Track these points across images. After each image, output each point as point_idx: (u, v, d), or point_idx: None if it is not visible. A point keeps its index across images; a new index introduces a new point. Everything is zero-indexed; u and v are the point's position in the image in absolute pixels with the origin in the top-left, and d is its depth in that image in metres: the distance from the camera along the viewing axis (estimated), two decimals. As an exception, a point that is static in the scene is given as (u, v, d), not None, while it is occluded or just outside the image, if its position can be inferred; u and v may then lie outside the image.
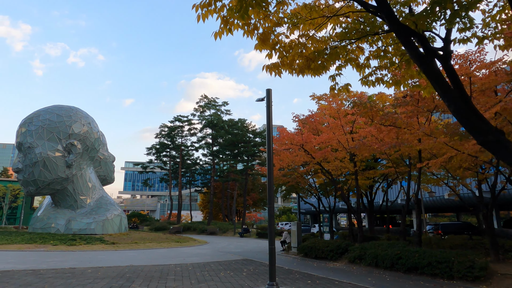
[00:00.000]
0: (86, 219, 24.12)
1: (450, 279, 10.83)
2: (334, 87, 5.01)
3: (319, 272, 12.61)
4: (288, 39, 4.51)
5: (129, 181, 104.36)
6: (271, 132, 9.53)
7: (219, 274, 11.21)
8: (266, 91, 9.86)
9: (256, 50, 4.31)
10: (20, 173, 23.56)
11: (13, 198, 38.28)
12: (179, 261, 14.59)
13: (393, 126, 12.72)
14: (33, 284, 8.66)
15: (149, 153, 56.08)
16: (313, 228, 46.10)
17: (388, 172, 17.92)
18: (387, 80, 5.01)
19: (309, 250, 17.53)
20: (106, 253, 17.13)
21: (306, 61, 4.47)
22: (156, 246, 21.77)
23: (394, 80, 5.02)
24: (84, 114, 25.87)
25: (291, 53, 4.37)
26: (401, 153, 15.77)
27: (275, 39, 4.37)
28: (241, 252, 19.96)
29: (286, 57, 4.38)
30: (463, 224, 29.42)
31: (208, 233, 41.01)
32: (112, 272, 10.92)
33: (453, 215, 63.44)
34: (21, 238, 19.81)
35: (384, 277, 11.67)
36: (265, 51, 4.37)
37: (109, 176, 29.69)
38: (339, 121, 16.06)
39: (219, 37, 4.07)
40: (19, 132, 23.91)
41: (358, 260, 14.56)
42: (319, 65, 4.56)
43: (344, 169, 17.94)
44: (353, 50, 5.03)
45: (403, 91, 16.33)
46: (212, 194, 51.28)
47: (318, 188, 23.53)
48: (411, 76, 4.89)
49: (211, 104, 55.93)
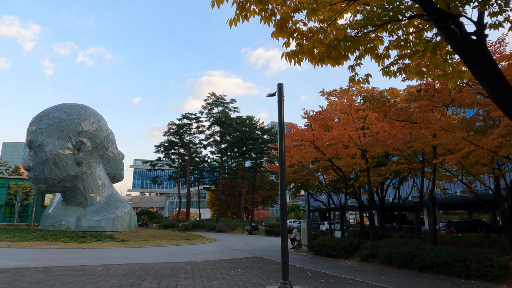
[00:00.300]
0: (96, 216, 24.21)
1: (467, 278, 10.51)
2: (354, 78, 4.76)
3: (332, 270, 12.38)
4: (306, 26, 4.29)
5: (138, 178, 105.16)
6: (283, 126, 9.31)
7: (230, 272, 11.06)
8: (277, 86, 9.62)
9: (272, 38, 4.09)
10: (31, 171, 23.73)
11: (24, 196, 38.72)
12: (189, 259, 14.49)
13: (407, 121, 12.37)
14: (44, 282, 8.61)
15: (158, 151, 56.28)
16: (322, 226, 45.77)
17: (400, 168, 17.54)
18: (410, 70, 4.75)
19: (320, 247, 17.30)
20: (116, 251, 17.14)
21: (327, 48, 4.23)
22: (166, 243, 21.76)
23: (417, 70, 4.76)
24: (93, 112, 25.93)
25: (311, 40, 4.14)
26: (414, 149, 15.41)
27: (292, 27, 4.15)
28: (251, 250, 19.82)
29: (306, 44, 4.15)
30: (476, 222, 28.86)
31: (217, 231, 41.00)
32: (123, 270, 10.85)
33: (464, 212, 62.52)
34: (32, 235, 19.96)
35: (398, 275, 11.40)
36: (282, 39, 4.15)
37: (119, 174, 29.78)
38: (350, 117, 15.73)
39: (234, 25, 3.85)
40: (29, 130, 24.06)
41: (371, 258, 14.28)
42: (339, 54, 4.32)
43: (355, 165, 17.63)
44: (371, 39, 4.78)
45: (416, 85, 15.96)
46: (220, 191, 51.25)
47: (329, 185, 23.23)
48: (435, 66, 4.62)
49: (219, 102, 55.82)
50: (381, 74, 4.82)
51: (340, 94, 21.08)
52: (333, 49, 4.23)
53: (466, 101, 11.52)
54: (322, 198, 35.11)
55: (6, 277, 9.16)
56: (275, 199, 68.60)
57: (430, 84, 13.01)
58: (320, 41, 4.21)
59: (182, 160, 57.37)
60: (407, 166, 16.42)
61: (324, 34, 4.21)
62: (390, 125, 13.52)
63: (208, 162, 58.26)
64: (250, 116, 52.04)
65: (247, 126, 49.86)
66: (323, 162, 17.29)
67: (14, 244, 17.73)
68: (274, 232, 37.35)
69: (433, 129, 10.88)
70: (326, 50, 4.26)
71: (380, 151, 15.39)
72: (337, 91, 21.51)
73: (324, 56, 4.32)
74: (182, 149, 56.42)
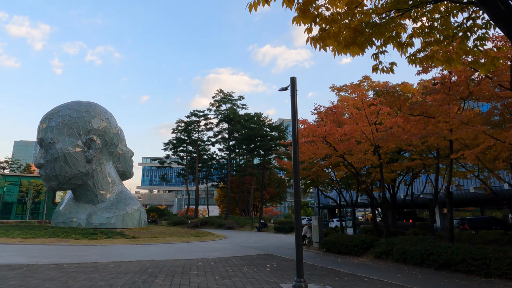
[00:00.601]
0: (106, 213, 24.31)
1: (487, 276, 10.19)
2: (377, 67, 4.52)
3: (345, 268, 12.15)
4: (329, 11, 4.05)
5: (146, 176, 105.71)
6: (297, 120, 9.08)
7: (242, 270, 10.91)
8: (290, 79, 9.40)
9: (294, 23, 3.87)
10: (42, 168, 23.88)
11: (36, 193, 39.15)
12: (200, 256, 14.39)
13: (422, 115, 12.02)
14: (57, 279, 8.56)
15: (166, 148, 56.40)
16: (331, 223, 45.43)
17: (414, 164, 17.16)
18: (438, 58, 4.49)
19: (331, 245, 17.06)
20: (127, 247, 17.14)
21: (353, 33, 3.99)
22: (176, 240, 21.73)
23: (445, 57, 4.49)
24: (103, 110, 25.98)
25: (336, 25, 3.90)
26: (428, 145, 15.04)
27: (314, 12, 3.92)
28: (261, 247, 19.67)
29: (332, 28, 3.91)
30: (490, 219, 28.31)
31: (226, 228, 40.97)
32: (135, 267, 10.78)
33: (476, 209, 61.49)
34: (44, 232, 20.09)
35: (414, 274, 11.12)
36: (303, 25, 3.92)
37: (128, 171, 29.87)
38: (363, 112, 15.39)
39: (254, 9, 3.65)
40: (40, 128, 24.21)
41: (385, 256, 14.01)
42: (365, 40, 4.08)
43: (367, 161, 17.31)
44: (396, 26, 4.52)
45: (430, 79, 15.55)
46: (229, 188, 51.18)
47: (340, 182, 22.92)
48: (465, 52, 4.36)
49: (227, 99, 55.66)
50: (407, 62, 4.57)
51: (350, 89, 20.74)
52: (360, 33, 3.99)
53: (485, 94, 11.14)
54: (331, 195, 34.79)
55: (19, 274, 9.14)
56: (284, 196, 68.37)
57: (446, 77, 12.63)
58: (347, 26, 3.97)
59: (190, 158, 57.44)
60: (421, 162, 16.04)
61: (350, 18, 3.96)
62: (404, 120, 13.17)
63: (216, 159, 58.23)
64: (258, 113, 51.78)
65: (255, 123, 49.60)
66: (334, 158, 17.00)
67: (26, 240, 17.85)
68: (283, 229, 37.17)
69: (451, 123, 10.53)
70: (353, 35, 4.01)
71: (394, 146, 15.04)
72: (347, 86, 21.16)
73: (349, 42, 4.08)
74: (191, 147, 56.46)
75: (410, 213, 50.81)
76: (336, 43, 4.07)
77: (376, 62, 4.50)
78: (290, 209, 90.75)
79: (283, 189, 66.37)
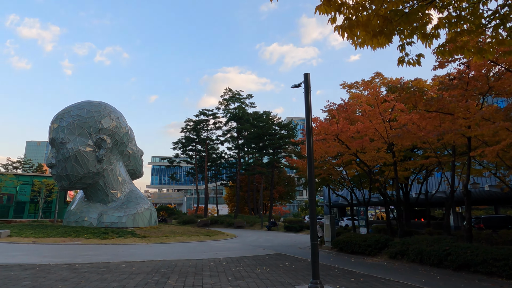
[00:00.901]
0: (117, 212, 24.38)
1: (510, 278, 9.82)
2: (403, 59, 4.27)
3: (360, 268, 11.88)
4: (353, 1, 3.82)
5: (156, 175, 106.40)
6: (311, 118, 8.84)
7: (255, 270, 10.73)
8: (304, 76, 9.16)
9: (316, 13, 3.65)
10: (54, 168, 24.04)
11: (48, 192, 39.60)
12: (211, 256, 14.26)
13: (439, 112, 11.65)
14: (69, 280, 8.49)
15: (175, 147, 56.53)
16: (341, 222, 45.03)
17: (428, 162, 16.75)
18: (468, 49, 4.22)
19: (344, 244, 16.77)
20: (138, 247, 17.11)
21: (383, 21, 3.76)
22: (186, 239, 21.67)
23: (477, 48, 4.22)
24: (113, 109, 26.04)
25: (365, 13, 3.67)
26: (443, 142, 14.63)
27: (338, 1, 3.69)
28: (272, 246, 19.47)
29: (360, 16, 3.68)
30: (507, 218, 27.61)
31: (235, 227, 40.86)
32: (147, 267, 10.68)
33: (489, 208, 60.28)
34: (56, 232, 20.22)
35: (432, 275, 10.80)
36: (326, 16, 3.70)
37: (138, 170, 29.93)
38: (377, 109, 15.03)
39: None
40: (51, 128, 24.37)
41: (400, 256, 13.69)
42: (393, 29, 3.84)
43: (380, 159, 16.95)
44: (423, 16, 4.26)
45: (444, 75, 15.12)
46: (238, 187, 51.08)
47: (351, 180, 22.57)
48: (499, 42, 4.09)
49: (235, 97, 55.51)
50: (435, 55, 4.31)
51: (362, 86, 20.36)
52: (389, 22, 3.75)
53: (506, 89, 10.72)
54: (341, 193, 34.40)
55: (32, 274, 9.11)
56: (293, 195, 68.07)
57: (463, 72, 12.23)
58: (376, 13, 3.74)
59: (199, 157, 57.49)
60: (436, 159, 15.64)
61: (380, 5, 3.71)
62: (420, 116, 12.79)
63: (225, 158, 58.18)
64: (267, 111, 51.51)
65: (264, 121, 49.34)
66: (347, 156, 16.69)
67: (39, 240, 17.97)
68: (293, 228, 36.92)
69: (472, 119, 10.16)
70: (382, 23, 3.78)
71: (410, 144, 14.66)
72: (358, 83, 20.79)
73: (377, 32, 3.83)
74: (200, 146, 56.50)
75: (421, 211, 50.01)
76: (365, 32, 3.83)
77: (402, 54, 4.25)
78: (299, 207, 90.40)
79: (292, 188, 66.07)
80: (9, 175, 38.06)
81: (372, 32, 3.84)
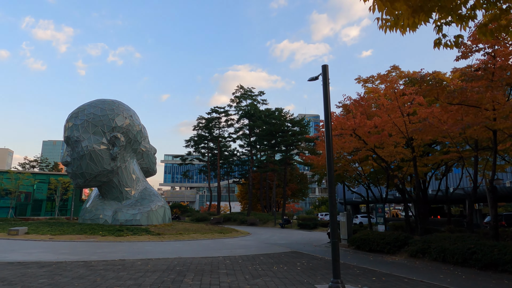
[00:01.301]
0: (131, 210, 24.48)
1: (541, 278, 9.32)
2: (440, 42, 3.94)
3: (380, 267, 11.50)
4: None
5: (168, 173, 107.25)
6: (329, 111, 8.51)
7: (272, 268, 10.48)
8: (322, 68, 8.84)
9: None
10: (69, 166, 24.26)
11: (63, 190, 40.16)
12: (226, 253, 14.08)
13: (463, 104, 11.14)
14: (85, 277, 8.40)
15: (188, 145, 56.67)
16: (355, 219, 44.38)
17: (449, 157, 16.16)
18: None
19: (361, 242, 16.38)
20: (153, 244, 17.07)
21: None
22: (200, 237, 21.58)
23: (523, 28, 3.86)
24: (126, 107, 26.12)
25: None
26: (465, 136, 14.06)
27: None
28: (287, 244, 19.20)
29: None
30: (529, 215, 26.64)
31: (248, 224, 40.73)
32: (162, 265, 10.55)
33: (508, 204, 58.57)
34: (72, 229, 20.39)
35: (457, 274, 10.36)
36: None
37: (151, 168, 30.01)
38: (395, 102, 14.53)
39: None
40: (66, 126, 24.59)
41: (421, 254, 13.24)
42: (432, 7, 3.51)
43: (398, 155, 16.44)
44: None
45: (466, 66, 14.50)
46: (250, 185, 50.90)
47: (368, 177, 22.06)
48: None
49: (247, 95, 55.26)
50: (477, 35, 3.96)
51: (378, 80, 19.83)
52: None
53: (536, 78, 10.16)
54: (356, 190, 33.83)
55: (49, 271, 9.07)
56: (306, 192, 67.57)
57: (488, 62, 11.67)
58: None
59: (212, 154, 57.53)
60: (457, 154, 15.05)
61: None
62: (442, 110, 12.27)
63: (237, 155, 58.06)
64: (279, 108, 51.05)
65: (277, 118, 48.94)
66: (364, 152, 16.24)
67: (55, 237, 18.13)
68: (307, 226, 36.57)
69: (501, 110, 9.65)
70: (423, 0, 3.45)
71: (431, 138, 14.13)
72: (374, 77, 20.25)
73: (418, 8, 3.51)
74: (212, 143, 56.50)
75: (437, 209, 48.87)
76: (406, 7, 3.51)
77: (438, 35, 3.92)
78: (311, 205, 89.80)
79: (305, 185, 65.59)
80: (26, 174, 38.70)
81: (413, 8, 3.51)
